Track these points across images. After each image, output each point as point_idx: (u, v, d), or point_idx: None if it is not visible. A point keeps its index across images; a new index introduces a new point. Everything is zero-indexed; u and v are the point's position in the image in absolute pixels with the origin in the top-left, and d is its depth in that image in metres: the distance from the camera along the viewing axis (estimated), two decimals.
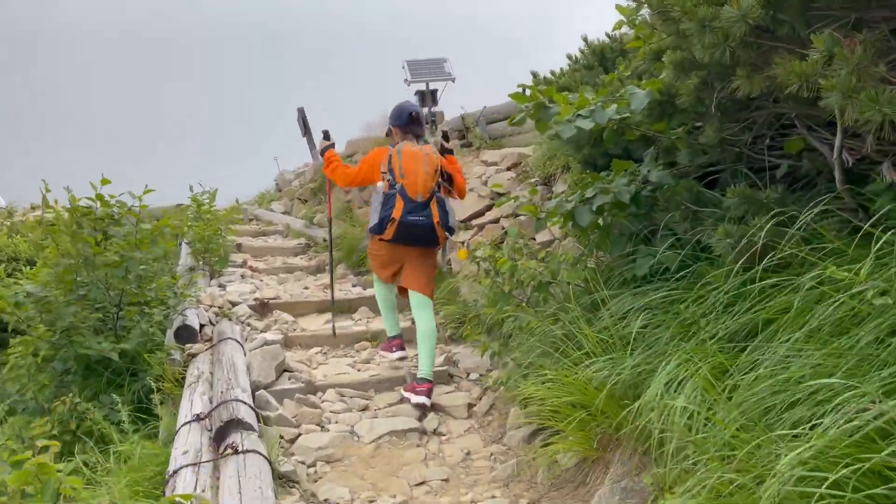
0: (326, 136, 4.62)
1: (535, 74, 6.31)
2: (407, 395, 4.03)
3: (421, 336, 4.11)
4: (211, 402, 3.62)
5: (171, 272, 6.33)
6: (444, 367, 4.37)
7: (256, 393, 3.71)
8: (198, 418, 3.35)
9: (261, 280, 6.43)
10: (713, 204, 3.01)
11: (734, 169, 3.17)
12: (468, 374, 4.39)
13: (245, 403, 3.37)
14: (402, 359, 4.50)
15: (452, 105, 8.51)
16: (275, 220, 10.09)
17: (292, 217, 9.98)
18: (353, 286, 6.34)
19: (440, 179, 4.16)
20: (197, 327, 4.81)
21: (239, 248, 7.98)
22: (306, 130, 11.65)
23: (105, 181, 4.23)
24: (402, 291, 4.43)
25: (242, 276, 6.43)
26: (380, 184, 4.12)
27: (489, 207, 5.49)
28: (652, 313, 2.82)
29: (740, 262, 2.46)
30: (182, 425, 3.35)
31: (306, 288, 6.24)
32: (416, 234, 4.07)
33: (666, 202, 3.11)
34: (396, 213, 4.00)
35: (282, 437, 3.43)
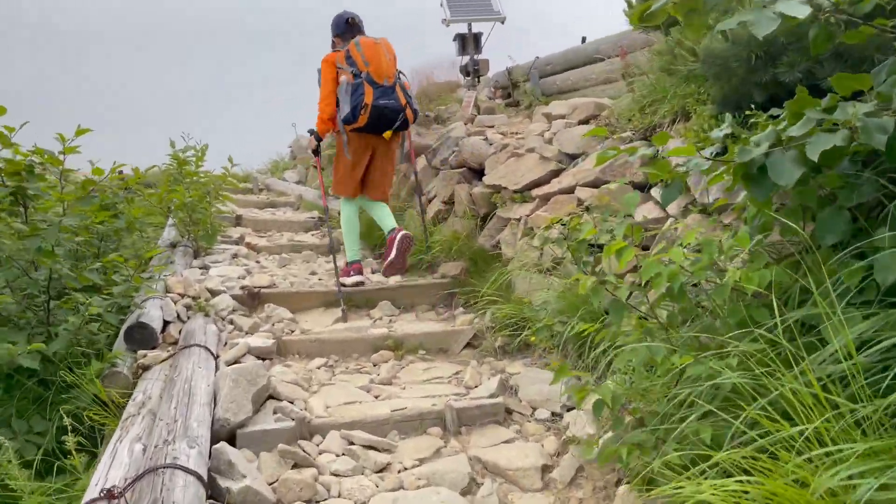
0: (311, 132, 4.61)
1: None
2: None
3: (381, 216, 4.57)
4: (144, 454, 2.31)
5: (146, 249, 5.04)
6: (498, 399, 3.02)
7: (216, 447, 2.37)
8: (109, 496, 2.03)
9: (257, 261, 5.09)
10: None
11: None
12: (534, 411, 3.03)
13: (187, 472, 2.05)
14: (358, 284, 4.40)
15: (498, 53, 7.06)
16: (287, 191, 8.76)
17: (306, 187, 8.65)
18: (373, 272, 4.99)
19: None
20: (158, 326, 3.51)
21: (239, 220, 6.66)
22: None
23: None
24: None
25: (235, 256, 5.09)
26: (343, 77, 4.31)
27: (556, 173, 4.09)
28: None
29: None
30: None
31: (313, 273, 4.89)
32: (389, 117, 4.28)
33: None
34: (368, 98, 4.21)
35: None
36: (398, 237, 4.33)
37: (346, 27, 4.54)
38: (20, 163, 3.15)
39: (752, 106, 2.56)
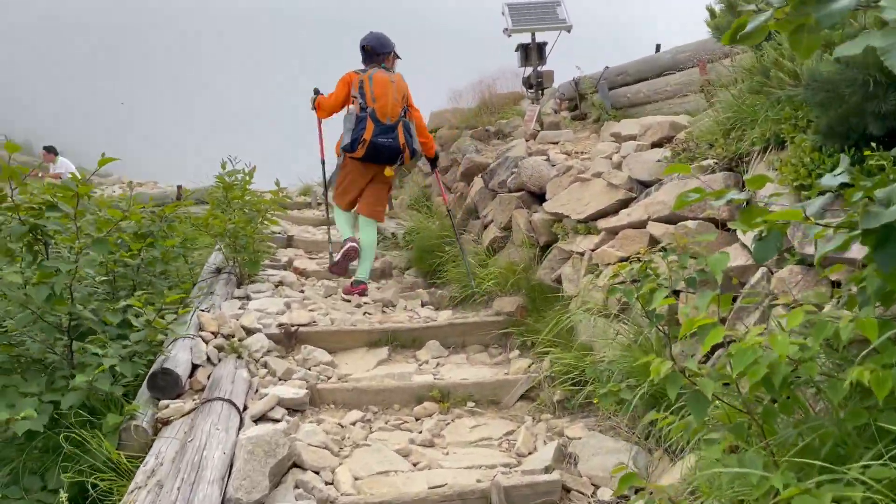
0: (315, 91, 4.94)
1: None
2: (347, 296, 4.71)
3: (363, 247, 4.80)
4: None
5: (190, 275, 4.83)
6: (554, 475, 2.59)
7: None
8: None
9: (301, 291, 4.80)
10: None
11: None
12: (596, 490, 2.60)
13: None
14: (348, 253, 4.76)
15: (563, 64, 6.60)
16: None
17: None
18: (423, 304, 4.64)
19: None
20: (185, 371, 3.25)
21: (290, 241, 6.41)
22: None
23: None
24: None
25: (277, 286, 4.82)
26: (351, 106, 4.62)
27: (625, 203, 3.63)
28: None
29: None
30: None
31: (359, 306, 4.57)
32: (385, 154, 4.60)
33: None
34: (367, 134, 4.51)
35: None
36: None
37: (364, 53, 4.81)
38: (44, 201, 2.95)
39: (868, 139, 2.08)
